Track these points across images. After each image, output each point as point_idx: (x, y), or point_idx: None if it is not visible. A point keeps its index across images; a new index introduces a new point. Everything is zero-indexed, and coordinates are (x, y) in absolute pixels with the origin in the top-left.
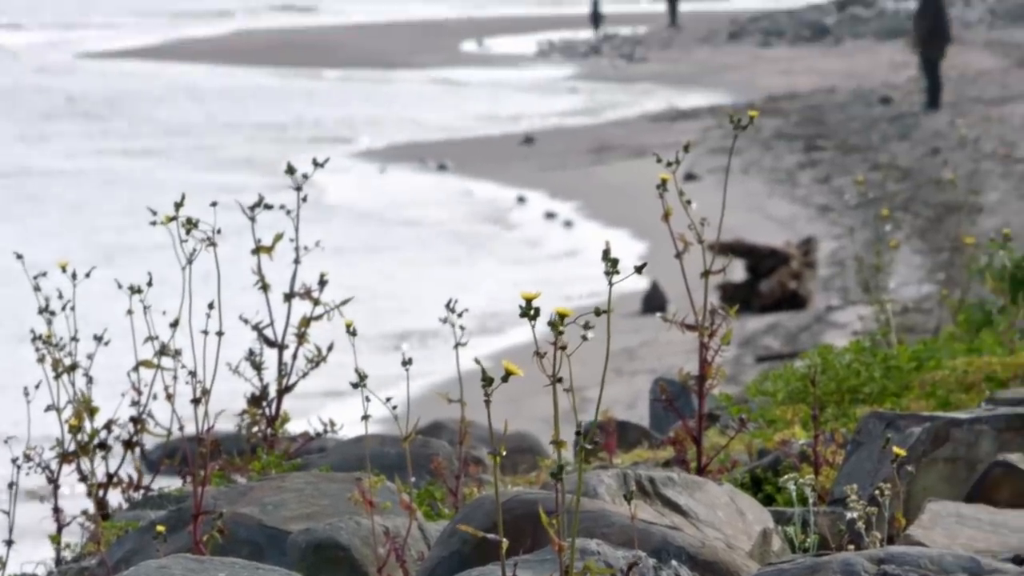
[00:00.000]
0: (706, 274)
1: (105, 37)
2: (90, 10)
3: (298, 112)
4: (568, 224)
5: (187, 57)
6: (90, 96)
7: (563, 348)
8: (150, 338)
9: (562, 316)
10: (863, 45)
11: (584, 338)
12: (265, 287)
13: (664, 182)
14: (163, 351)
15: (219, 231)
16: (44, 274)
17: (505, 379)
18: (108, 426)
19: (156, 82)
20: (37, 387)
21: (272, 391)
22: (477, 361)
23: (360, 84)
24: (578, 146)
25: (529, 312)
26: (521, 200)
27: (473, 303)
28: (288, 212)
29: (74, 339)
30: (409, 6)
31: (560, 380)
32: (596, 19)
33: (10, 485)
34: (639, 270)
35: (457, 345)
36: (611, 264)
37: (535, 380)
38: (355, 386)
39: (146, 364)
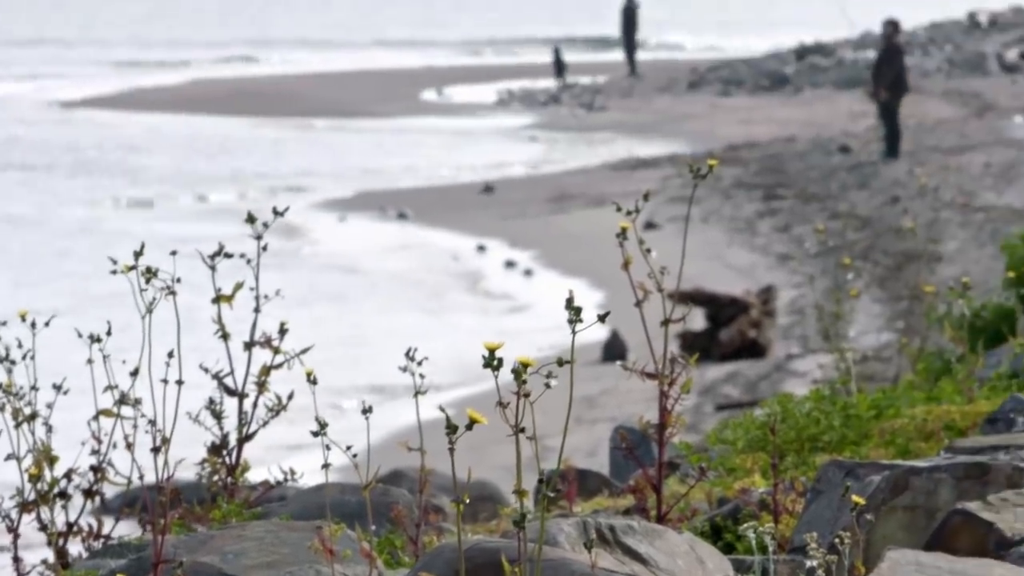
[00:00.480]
0: (666, 323)
1: (75, 86)
2: (55, 60)
3: (258, 161)
4: (528, 273)
5: (154, 106)
6: (62, 145)
7: (527, 396)
8: (110, 387)
9: (525, 366)
10: (822, 94)
11: (547, 386)
12: (225, 336)
13: (624, 231)
14: (123, 400)
15: (179, 280)
16: (4, 323)
17: (469, 427)
18: (68, 475)
19: (126, 131)
20: None
21: (232, 440)
22: (442, 409)
23: (320, 133)
24: (538, 195)
25: (492, 362)
26: (481, 249)
27: (435, 352)
28: (248, 261)
29: (34, 388)
30: (370, 55)
31: (523, 429)
32: (559, 68)
33: None
34: (602, 319)
35: (417, 393)
36: (574, 312)
37: (498, 429)
38: (315, 435)
39: (106, 413)
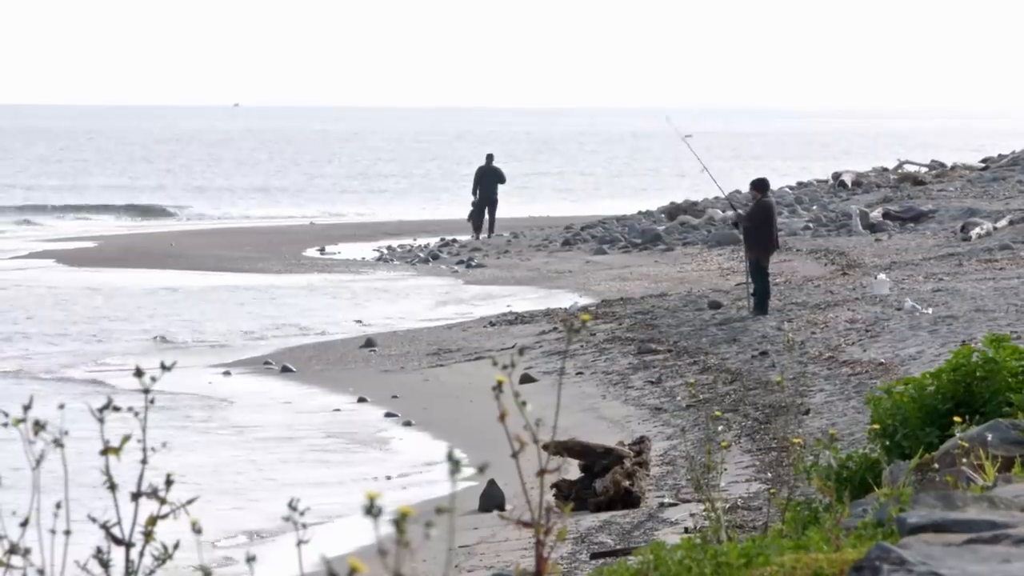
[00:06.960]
0: (542, 473)
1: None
2: None
3: (142, 315)
4: (408, 424)
5: (60, 258)
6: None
7: (406, 545)
8: (0, 537)
9: (404, 515)
10: (693, 252)
11: (427, 536)
12: (113, 487)
13: (500, 384)
14: (13, 550)
15: (67, 433)
16: None
17: None
18: None
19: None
20: None
21: None
22: (323, 557)
23: (202, 290)
24: (418, 349)
25: (371, 510)
26: (362, 401)
27: (316, 502)
28: (136, 414)
29: None
30: (250, 212)
31: None
32: (479, 221)
33: None
34: (481, 470)
35: (300, 543)
36: (454, 464)
37: None
38: None
39: None
